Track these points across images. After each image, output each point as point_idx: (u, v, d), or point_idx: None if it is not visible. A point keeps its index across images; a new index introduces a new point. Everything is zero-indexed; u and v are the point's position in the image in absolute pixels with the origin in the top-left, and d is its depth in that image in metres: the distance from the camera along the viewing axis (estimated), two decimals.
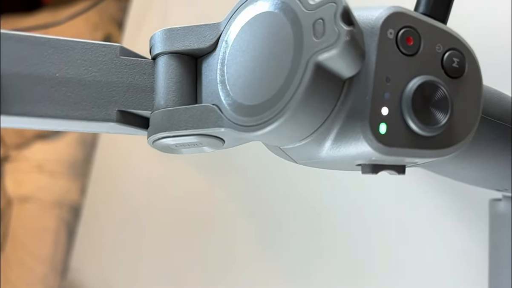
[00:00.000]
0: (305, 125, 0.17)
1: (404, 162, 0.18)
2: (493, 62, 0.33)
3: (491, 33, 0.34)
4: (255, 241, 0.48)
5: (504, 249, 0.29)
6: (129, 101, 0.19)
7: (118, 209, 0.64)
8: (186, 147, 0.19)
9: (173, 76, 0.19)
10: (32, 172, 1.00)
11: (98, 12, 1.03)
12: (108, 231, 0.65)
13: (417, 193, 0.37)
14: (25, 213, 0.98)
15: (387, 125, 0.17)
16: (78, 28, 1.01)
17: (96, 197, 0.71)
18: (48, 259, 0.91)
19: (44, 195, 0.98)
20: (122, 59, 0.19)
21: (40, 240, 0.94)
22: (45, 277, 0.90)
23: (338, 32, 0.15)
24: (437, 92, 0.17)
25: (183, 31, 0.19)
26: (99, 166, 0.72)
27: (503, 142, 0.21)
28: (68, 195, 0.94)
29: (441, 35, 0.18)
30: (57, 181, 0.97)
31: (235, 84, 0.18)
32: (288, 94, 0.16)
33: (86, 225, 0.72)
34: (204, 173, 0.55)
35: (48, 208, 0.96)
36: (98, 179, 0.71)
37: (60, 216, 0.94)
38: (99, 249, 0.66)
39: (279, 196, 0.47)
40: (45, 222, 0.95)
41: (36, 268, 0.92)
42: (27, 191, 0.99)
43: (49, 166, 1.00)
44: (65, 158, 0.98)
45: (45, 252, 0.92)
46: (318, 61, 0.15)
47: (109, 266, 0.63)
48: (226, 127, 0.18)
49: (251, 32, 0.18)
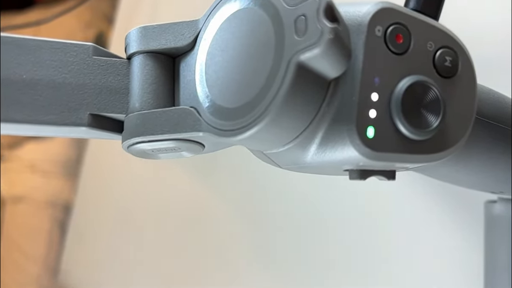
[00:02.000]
0: (288, 129, 0.16)
1: (394, 167, 0.17)
2: (493, 62, 0.32)
3: (491, 32, 0.33)
4: (248, 242, 0.47)
5: (500, 251, 0.28)
6: (102, 104, 0.18)
7: (109, 210, 0.63)
8: (163, 152, 0.18)
9: (148, 77, 0.18)
10: (25, 172, 1.00)
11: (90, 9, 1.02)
12: (98, 232, 0.64)
13: (411, 194, 0.36)
14: (18, 213, 0.97)
15: (375, 129, 0.16)
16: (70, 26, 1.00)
17: (86, 198, 0.70)
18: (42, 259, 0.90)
19: (37, 195, 0.97)
20: (95, 59, 0.18)
21: (33, 240, 0.93)
22: (38, 278, 0.89)
23: (320, 30, 0.14)
24: (428, 93, 0.16)
25: (159, 29, 0.18)
26: (89, 167, 0.70)
27: (499, 144, 0.20)
28: (61, 195, 0.93)
29: (432, 32, 0.17)
30: (50, 181, 0.96)
31: (214, 86, 0.17)
32: (269, 96, 0.15)
33: (77, 227, 0.71)
34: (197, 173, 0.54)
35: (41, 208, 0.95)
36: (88, 180, 0.70)
37: (54, 216, 0.93)
38: (90, 251, 0.65)
39: (273, 197, 0.46)
40: (38, 222, 0.94)
41: (29, 268, 0.91)
42: (20, 191, 0.98)
43: (42, 166, 0.99)
44: (58, 158, 0.97)
45: (38, 253, 0.91)
46: (300, 61, 0.14)
47: (100, 268, 0.62)
48: (205, 131, 0.16)
49: (231, 30, 0.17)
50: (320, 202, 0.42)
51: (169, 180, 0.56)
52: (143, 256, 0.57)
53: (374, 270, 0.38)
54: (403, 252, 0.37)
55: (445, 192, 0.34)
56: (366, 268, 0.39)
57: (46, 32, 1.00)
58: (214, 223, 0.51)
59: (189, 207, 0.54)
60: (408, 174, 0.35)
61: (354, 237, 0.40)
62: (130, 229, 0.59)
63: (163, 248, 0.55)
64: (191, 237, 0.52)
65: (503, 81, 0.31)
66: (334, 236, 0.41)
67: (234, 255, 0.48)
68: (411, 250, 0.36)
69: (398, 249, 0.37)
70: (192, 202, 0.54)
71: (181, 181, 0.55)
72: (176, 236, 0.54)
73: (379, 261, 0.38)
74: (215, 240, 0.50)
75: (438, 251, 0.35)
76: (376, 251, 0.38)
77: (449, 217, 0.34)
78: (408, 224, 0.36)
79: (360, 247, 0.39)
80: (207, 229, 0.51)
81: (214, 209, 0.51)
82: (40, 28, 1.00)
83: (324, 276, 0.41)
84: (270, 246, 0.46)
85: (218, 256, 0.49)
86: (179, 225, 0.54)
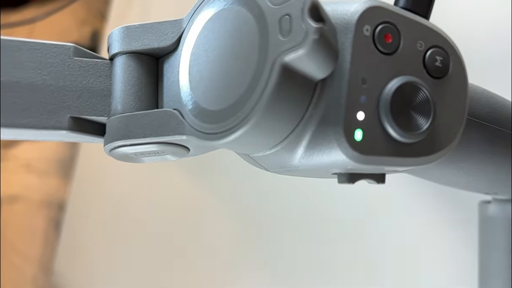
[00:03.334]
0: (273, 132, 0.15)
1: (384, 170, 0.17)
2: (492, 63, 0.32)
3: (491, 32, 0.33)
4: (243, 242, 0.47)
5: (495, 252, 0.28)
6: (83, 106, 0.17)
7: (103, 209, 0.63)
8: (146, 155, 0.17)
9: (131, 78, 0.17)
10: (20, 171, 0.99)
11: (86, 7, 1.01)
12: (92, 232, 0.64)
13: (405, 194, 0.36)
14: (14, 213, 0.96)
15: (363, 132, 0.15)
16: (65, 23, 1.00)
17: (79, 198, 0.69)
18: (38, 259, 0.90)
19: (33, 195, 0.96)
20: (76, 60, 0.17)
21: (29, 240, 0.92)
22: (34, 278, 0.89)
23: (305, 30, 0.13)
24: (418, 94, 0.15)
25: (142, 29, 0.18)
26: (83, 166, 0.70)
27: (492, 145, 0.20)
28: (57, 195, 0.93)
29: (423, 32, 0.16)
30: (46, 181, 0.96)
31: (197, 87, 0.16)
32: (253, 98, 0.14)
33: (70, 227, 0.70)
34: (191, 172, 0.53)
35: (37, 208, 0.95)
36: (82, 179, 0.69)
37: (49, 216, 0.92)
38: (83, 252, 0.65)
39: (268, 197, 0.46)
40: (34, 222, 0.94)
41: (25, 268, 0.91)
42: (15, 191, 0.98)
43: (37, 165, 0.98)
44: (53, 156, 0.96)
45: (34, 252, 0.90)
46: (284, 62, 0.14)
47: (93, 269, 0.61)
48: (188, 134, 0.16)
49: (215, 30, 0.16)
50: (315, 201, 0.42)
51: (163, 179, 0.56)
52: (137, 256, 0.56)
53: (367, 269, 0.38)
54: (397, 253, 0.36)
55: (439, 192, 0.34)
56: (359, 268, 0.38)
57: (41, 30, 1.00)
58: (209, 221, 0.51)
59: (183, 206, 0.53)
60: (402, 174, 0.34)
61: (348, 237, 0.39)
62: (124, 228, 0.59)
63: (157, 247, 0.55)
64: (186, 236, 0.52)
65: (503, 81, 0.31)
66: (329, 236, 0.41)
67: (229, 255, 0.48)
68: (405, 250, 0.36)
69: (391, 249, 0.37)
70: (187, 201, 0.53)
71: (176, 180, 0.54)
72: (170, 235, 0.54)
73: (373, 260, 0.38)
74: (210, 238, 0.50)
75: (432, 251, 0.34)
76: (370, 250, 0.38)
77: (444, 216, 0.34)
78: (400, 225, 0.36)
79: (354, 247, 0.39)
80: (201, 228, 0.51)
81: (209, 207, 0.51)
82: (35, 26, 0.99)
83: (319, 276, 0.41)
84: (265, 246, 0.45)
85: (213, 255, 0.49)
86: (173, 224, 0.54)
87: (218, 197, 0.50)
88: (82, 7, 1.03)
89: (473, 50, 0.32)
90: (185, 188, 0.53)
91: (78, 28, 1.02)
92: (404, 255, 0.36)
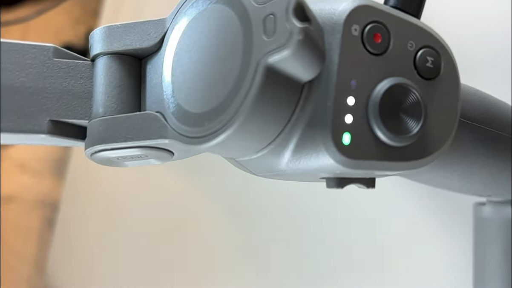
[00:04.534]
0: (259, 136, 0.15)
1: (374, 174, 0.16)
2: (493, 63, 0.31)
3: (491, 31, 0.33)
4: (237, 243, 0.47)
5: (490, 254, 0.28)
6: (63, 109, 0.17)
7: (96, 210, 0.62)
8: (129, 160, 0.17)
9: (112, 80, 0.17)
10: (15, 171, 0.98)
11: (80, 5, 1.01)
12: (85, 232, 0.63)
13: (398, 195, 0.35)
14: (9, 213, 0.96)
15: (351, 135, 0.15)
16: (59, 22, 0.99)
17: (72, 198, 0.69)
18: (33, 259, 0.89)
19: (28, 195, 0.96)
20: (56, 61, 0.17)
21: (25, 240, 0.92)
22: (30, 278, 0.88)
23: (289, 30, 0.13)
24: (408, 96, 0.15)
25: (124, 28, 0.17)
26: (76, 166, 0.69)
27: (486, 148, 0.19)
28: (52, 194, 0.92)
29: (413, 31, 0.16)
30: (41, 180, 0.95)
31: (181, 89, 0.16)
32: (237, 101, 0.14)
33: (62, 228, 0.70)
34: (185, 172, 0.53)
35: (32, 208, 0.94)
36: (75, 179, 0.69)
37: (45, 216, 0.92)
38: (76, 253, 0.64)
39: (262, 197, 0.45)
40: (29, 222, 0.93)
41: (21, 268, 0.90)
42: (10, 191, 0.97)
43: (32, 165, 0.98)
44: (48, 156, 0.96)
45: (29, 252, 0.90)
46: (268, 63, 0.13)
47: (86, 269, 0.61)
48: (171, 138, 0.15)
49: (198, 29, 0.16)
50: (310, 201, 0.42)
51: (157, 179, 0.56)
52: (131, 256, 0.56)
53: (361, 270, 0.37)
54: (391, 254, 0.36)
55: (433, 193, 0.33)
56: (353, 268, 0.38)
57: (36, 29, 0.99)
58: (202, 221, 0.50)
59: (177, 206, 0.53)
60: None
61: (343, 238, 0.39)
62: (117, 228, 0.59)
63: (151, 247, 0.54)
64: (179, 236, 0.52)
65: (503, 81, 0.30)
66: (324, 236, 0.40)
67: (223, 256, 0.47)
68: (399, 251, 0.35)
69: (386, 250, 0.36)
70: (180, 201, 0.53)
71: (169, 179, 0.54)
72: (164, 234, 0.53)
73: (367, 261, 0.37)
74: (203, 238, 0.49)
75: (425, 253, 0.34)
76: (364, 251, 0.37)
77: (437, 217, 0.33)
78: (395, 225, 0.36)
79: (348, 248, 0.38)
80: (195, 228, 0.51)
81: (202, 207, 0.50)
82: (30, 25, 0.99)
83: (314, 276, 0.40)
84: (260, 247, 0.45)
85: (207, 255, 0.49)
86: (167, 224, 0.53)
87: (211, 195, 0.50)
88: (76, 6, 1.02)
89: (473, 50, 0.32)
90: (178, 188, 0.53)
91: (73, 27, 1.01)
92: (397, 257, 0.36)
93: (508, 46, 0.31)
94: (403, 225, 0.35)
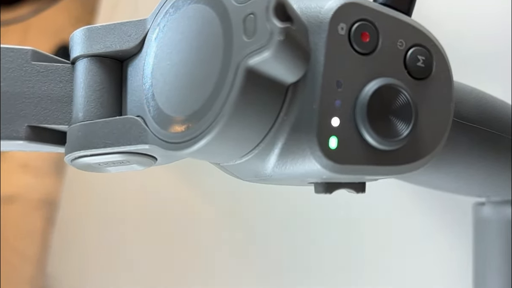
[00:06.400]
0: (242, 141, 0.14)
1: (364, 179, 0.16)
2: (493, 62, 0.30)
3: (491, 31, 0.32)
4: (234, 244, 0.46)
5: (490, 255, 0.27)
6: (42, 114, 0.16)
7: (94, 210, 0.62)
8: (111, 165, 0.16)
9: (92, 83, 0.16)
10: (17, 171, 0.99)
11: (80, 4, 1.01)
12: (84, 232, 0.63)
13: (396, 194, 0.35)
14: (11, 213, 0.96)
15: (338, 139, 0.14)
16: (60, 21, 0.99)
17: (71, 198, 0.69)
18: (36, 259, 0.90)
19: (31, 194, 0.96)
20: (34, 65, 0.16)
21: (27, 240, 0.92)
22: (32, 278, 0.88)
23: (270, 30, 0.12)
24: (398, 97, 0.14)
25: (104, 30, 0.16)
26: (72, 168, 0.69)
27: (483, 149, 0.19)
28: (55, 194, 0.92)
29: (403, 29, 0.15)
30: (43, 180, 0.95)
31: (161, 92, 0.15)
32: (217, 105, 0.13)
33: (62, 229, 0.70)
34: (182, 171, 0.52)
35: (34, 208, 0.94)
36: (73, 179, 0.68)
37: (47, 215, 0.92)
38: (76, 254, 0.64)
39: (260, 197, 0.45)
40: (32, 222, 0.93)
41: (23, 268, 0.90)
42: (13, 191, 0.97)
43: (34, 165, 0.98)
44: (50, 155, 0.96)
45: (32, 252, 0.90)
46: (249, 65, 0.13)
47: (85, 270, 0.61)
48: (151, 143, 0.15)
49: (179, 30, 0.15)
50: (308, 201, 0.41)
51: (155, 178, 0.55)
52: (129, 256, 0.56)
53: (361, 270, 0.37)
54: (390, 254, 0.35)
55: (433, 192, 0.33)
56: (353, 268, 0.37)
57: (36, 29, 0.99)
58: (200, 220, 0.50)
59: (175, 205, 0.53)
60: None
61: (341, 239, 0.38)
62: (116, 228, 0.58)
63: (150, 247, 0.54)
64: (178, 236, 0.51)
65: (503, 81, 0.30)
66: (321, 237, 0.40)
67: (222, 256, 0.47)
68: (399, 251, 0.35)
69: (385, 250, 0.36)
70: (178, 200, 0.52)
71: (167, 179, 0.54)
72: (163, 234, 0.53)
73: (366, 261, 0.37)
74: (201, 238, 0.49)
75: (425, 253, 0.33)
76: (363, 252, 0.37)
77: (437, 217, 0.33)
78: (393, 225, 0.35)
79: (347, 248, 0.38)
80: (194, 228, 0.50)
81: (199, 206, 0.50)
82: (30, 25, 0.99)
83: (310, 277, 0.40)
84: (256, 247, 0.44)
85: (204, 255, 0.48)
86: (166, 224, 0.53)
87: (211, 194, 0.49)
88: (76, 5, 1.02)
89: (473, 49, 0.31)
90: (177, 187, 0.53)
91: (73, 25, 1.01)
92: (396, 257, 0.35)
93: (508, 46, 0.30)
94: (402, 224, 0.35)
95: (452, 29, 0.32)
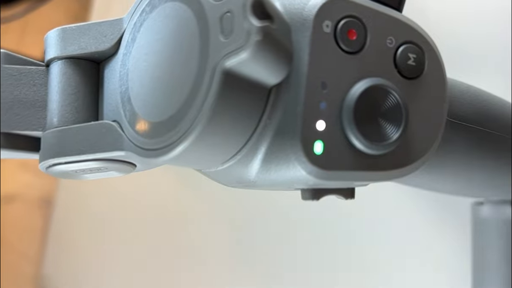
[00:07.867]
0: (221, 147, 0.14)
1: (352, 185, 0.15)
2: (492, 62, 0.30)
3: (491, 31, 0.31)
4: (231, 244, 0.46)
5: (489, 254, 0.26)
6: (14, 120, 0.15)
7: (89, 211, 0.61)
8: (88, 173, 0.16)
9: (67, 87, 0.15)
10: (17, 170, 0.98)
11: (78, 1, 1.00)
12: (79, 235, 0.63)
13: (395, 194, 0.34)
14: (12, 212, 0.96)
15: (324, 143, 0.13)
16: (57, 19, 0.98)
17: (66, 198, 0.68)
18: (37, 258, 0.89)
19: (31, 194, 0.96)
20: (6, 68, 0.15)
21: (28, 239, 0.92)
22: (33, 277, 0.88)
23: (247, 30, 0.11)
24: (387, 98, 0.13)
25: (79, 30, 0.16)
26: None
27: (480, 150, 0.18)
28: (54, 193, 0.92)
29: (393, 26, 0.14)
30: (43, 179, 0.95)
31: (137, 96, 0.14)
32: (193, 110, 0.12)
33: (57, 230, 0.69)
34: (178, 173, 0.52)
35: (35, 207, 0.94)
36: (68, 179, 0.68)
37: (47, 214, 0.91)
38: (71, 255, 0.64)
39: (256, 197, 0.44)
40: (32, 221, 0.93)
41: (24, 268, 0.90)
42: (13, 190, 0.97)
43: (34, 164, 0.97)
44: None
45: (33, 252, 0.90)
46: (226, 67, 0.12)
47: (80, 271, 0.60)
48: (127, 150, 0.14)
49: (155, 30, 0.14)
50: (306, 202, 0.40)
51: (153, 178, 0.55)
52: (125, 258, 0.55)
53: (360, 270, 0.36)
54: (389, 253, 0.35)
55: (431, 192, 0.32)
56: (353, 268, 0.37)
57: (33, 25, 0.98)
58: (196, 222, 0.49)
59: (171, 205, 0.52)
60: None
61: (339, 239, 0.38)
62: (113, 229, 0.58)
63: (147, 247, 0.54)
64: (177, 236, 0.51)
65: (503, 81, 0.29)
66: (319, 237, 0.39)
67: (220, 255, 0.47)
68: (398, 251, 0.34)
69: (384, 250, 0.35)
70: (174, 203, 0.52)
71: (164, 180, 0.53)
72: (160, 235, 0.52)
73: (364, 262, 0.36)
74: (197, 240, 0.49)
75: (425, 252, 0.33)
76: (362, 252, 0.36)
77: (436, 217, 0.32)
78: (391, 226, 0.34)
79: (345, 249, 0.37)
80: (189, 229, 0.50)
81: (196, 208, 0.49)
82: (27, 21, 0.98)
83: (308, 277, 0.39)
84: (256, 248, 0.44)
85: (201, 256, 0.48)
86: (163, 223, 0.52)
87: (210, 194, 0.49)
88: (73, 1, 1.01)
89: (473, 50, 0.30)
90: (174, 188, 0.52)
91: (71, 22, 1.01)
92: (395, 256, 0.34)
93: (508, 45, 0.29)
94: (401, 224, 0.34)
95: (451, 28, 0.31)
